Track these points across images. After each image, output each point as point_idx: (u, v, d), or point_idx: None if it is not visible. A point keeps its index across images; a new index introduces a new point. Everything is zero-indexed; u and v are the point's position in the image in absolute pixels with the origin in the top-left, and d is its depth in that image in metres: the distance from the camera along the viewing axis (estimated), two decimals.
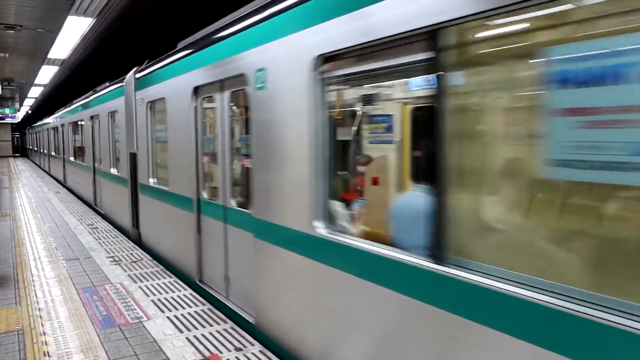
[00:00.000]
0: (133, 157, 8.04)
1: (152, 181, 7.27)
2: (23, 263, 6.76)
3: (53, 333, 4.37)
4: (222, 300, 5.07)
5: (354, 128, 4.52)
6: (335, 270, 3.21)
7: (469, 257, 2.38)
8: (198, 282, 5.63)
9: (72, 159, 15.77)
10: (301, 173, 3.44)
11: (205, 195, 5.46)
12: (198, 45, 5.44)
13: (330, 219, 3.41)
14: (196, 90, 5.38)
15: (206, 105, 5.48)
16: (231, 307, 4.86)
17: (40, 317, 4.76)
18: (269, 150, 3.90)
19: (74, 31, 10.77)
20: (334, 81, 3.52)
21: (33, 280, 5.95)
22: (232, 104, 4.86)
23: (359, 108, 4.51)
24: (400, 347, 2.74)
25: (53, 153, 21.52)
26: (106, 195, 10.94)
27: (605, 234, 2.08)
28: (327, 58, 3.24)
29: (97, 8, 8.96)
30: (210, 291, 5.35)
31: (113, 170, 9.96)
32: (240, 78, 4.30)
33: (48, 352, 3.99)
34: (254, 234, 4.23)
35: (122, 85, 8.60)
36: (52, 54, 13.71)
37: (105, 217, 10.78)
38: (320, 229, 3.32)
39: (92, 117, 11.79)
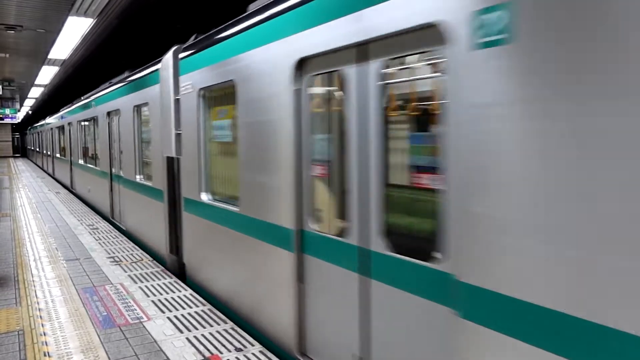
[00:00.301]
0: (171, 163, 6.40)
1: (205, 197, 5.37)
2: (23, 263, 6.76)
3: (53, 333, 4.37)
4: None
5: None
6: None
7: None
8: (298, 357, 3.75)
9: (81, 162, 14.10)
10: None
11: (313, 225, 3.60)
12: None
13: None
14: (301, 64, 3.56)
15: (316, 89, 3.64)
16: None
17: (41, 317, 4.76)
18: (516, 162, 2.05)
19: (74, 31, 10.79)
20: None
21: (33, 281, 5.95)
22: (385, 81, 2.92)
23: None
24: None
25: (58, 155, 20.42)
26: (129, 209, 8.86)
27: None
28: None
29: (97, 8, 8.96)
30: None
31: (139, 178, 8.12)
32: (423, 32, 2.56)
33: (48, 353, 3.99)
34: (458, 312, 2.37)
35: (155, 71, 6.83)
36: (52, 55, 13.71)
37: (127, 235, 8.91)
38: None
39: (109, 114, 10.06)
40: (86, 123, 13.10)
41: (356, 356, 3.22)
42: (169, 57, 6.12)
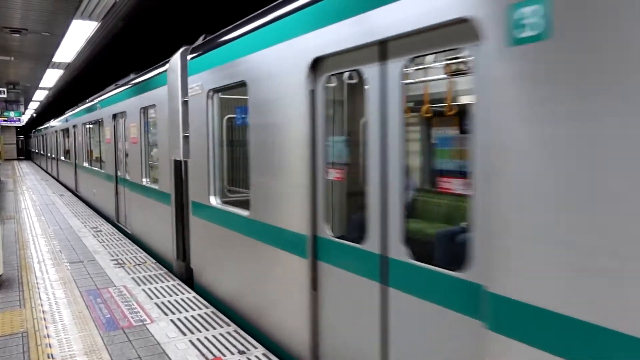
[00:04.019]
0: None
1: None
2: (27, 265, 6.78)
3: (57, 335, 4.38)
4: None
5: None
6: None
7: None
8: None
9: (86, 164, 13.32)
10: None
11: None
12: None
13: None
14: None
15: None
16: None
17: (44, 319, 4.76)
18: None
19: (79, 35, 10.83)
20: None
21: (37, 283, 5.96)
22: None
23: None
24: None
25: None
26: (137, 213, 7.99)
27: None
28: None
29: (102, 12, 9.00)
30: None
31: (145, 181, 7.60)
32: None
33: (52, 355, 4.00)
34: None
35: (164, 72, 5.50)
36: (57, 58, 13.76)
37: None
38: None
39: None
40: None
41: None
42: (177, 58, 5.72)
